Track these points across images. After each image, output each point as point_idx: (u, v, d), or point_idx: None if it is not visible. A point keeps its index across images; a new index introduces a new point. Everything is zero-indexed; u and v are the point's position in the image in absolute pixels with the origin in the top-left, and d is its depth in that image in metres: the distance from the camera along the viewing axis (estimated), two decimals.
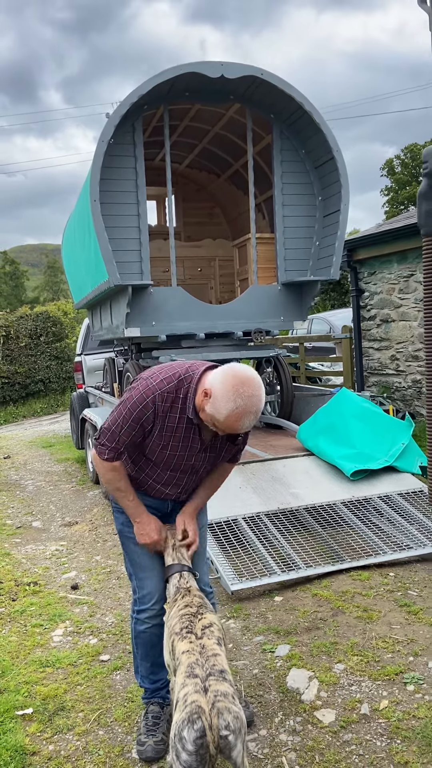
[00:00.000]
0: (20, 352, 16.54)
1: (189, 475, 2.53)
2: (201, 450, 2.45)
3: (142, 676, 2.69)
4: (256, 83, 6.02)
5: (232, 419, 2.17)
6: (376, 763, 2.41)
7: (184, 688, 1.96)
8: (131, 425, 2.32)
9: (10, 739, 2.64)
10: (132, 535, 2.55)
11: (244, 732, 1.91)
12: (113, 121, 5.56)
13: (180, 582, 2.40)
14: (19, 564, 4.63)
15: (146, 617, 2.57)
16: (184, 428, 2.35)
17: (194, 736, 1.81)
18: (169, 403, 2.31)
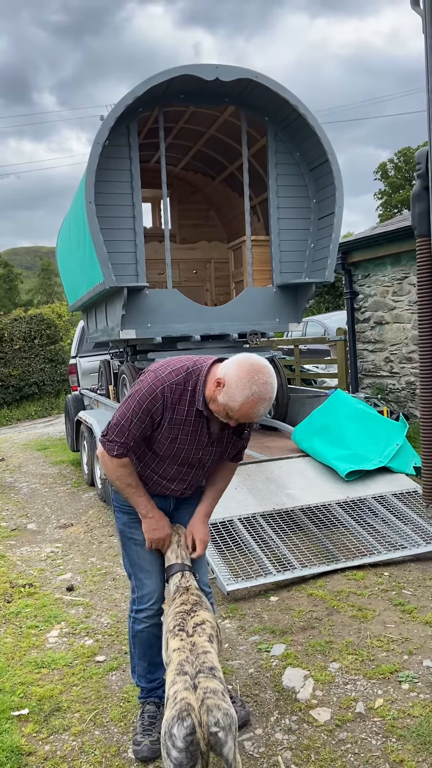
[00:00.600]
0: (14, 354, 16.51)
1: (195, 470, 2.52)
2: (208, 443, 2.44)
3: (138, 675, 2.70)
4: (251, 86, 6.05)
5: (247, 406, 2.17)
6: (371, 761, 2.42)
7: (173, 686, 1.96)
8: (141, 417, 2.30)
9: (6, 740, 2.63)
10: (133, 535, 2.55)
11: (235, 728, 1.90)
12: (108, 123, 5.57)
13: (180, 581, 2.41)
14: (14, 566, 4.62)
15: (144, 617, 2.58)
16: (193, 421, 2.35)
17: (184, 733, 1.82)
18: (178, 395, 2.30)
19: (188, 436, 2.38)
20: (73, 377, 10.39)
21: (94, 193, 5.58)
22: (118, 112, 5.54)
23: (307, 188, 6.60)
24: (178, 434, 2.37)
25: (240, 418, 2.25)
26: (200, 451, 2.44)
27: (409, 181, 36.15)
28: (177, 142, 8.07)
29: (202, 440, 2.41)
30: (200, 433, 2.39)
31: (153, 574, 2.57)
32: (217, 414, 2.30)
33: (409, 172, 36.42)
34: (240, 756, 1.98)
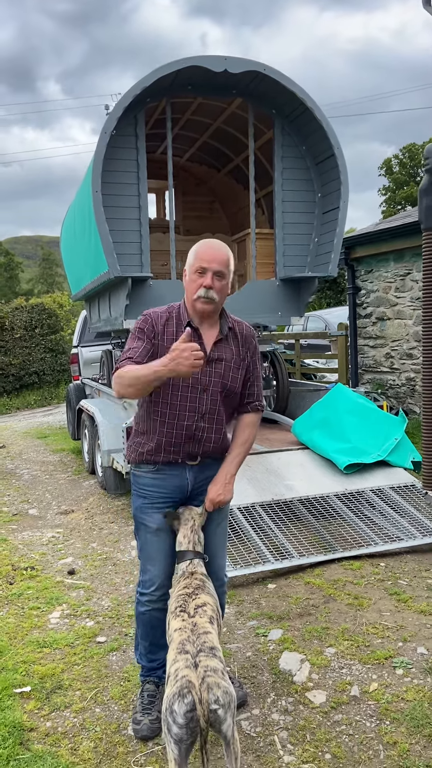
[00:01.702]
0: (15, 343, 16.53)
1: (200, 396, 2.46)
2: (206, 363, 2.45)
3: (140, 653, 2.76)
4: (259, 78, 6.06)
5: (200, 250, 2.45)
6: (365, 742, 2.48)
7: (175, 664, 2.02)
8: (137, 336, 2.47)
9: (8, 716, 2.69)
10: (144, 521, 2.59)
11: (234, 707, 1.96)
12: (116, 112, 5.60)
13: (188, 567, 2.45)
14: (16, 549, 4.68)
15: (146, 600, 2.64)
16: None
17: (184, 710, 1.88)
18: (164, 320, 2.50)
19: None
20: (75, 367, 10.44)
21: (100, 182, 5.61)
22: (126, 101, 5.56)
23: (313, 182, 6.62)
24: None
25: (204, 261, 2.43)
26: (198, 371, 2.37)
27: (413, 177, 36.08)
28: (183, 133, 8.09)
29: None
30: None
31: (158, 562, 2.60)
32: (197, 294, 2.43)
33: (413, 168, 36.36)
34: (237, 734, 2.03)
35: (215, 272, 2.44)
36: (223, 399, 2.55)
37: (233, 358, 2.55)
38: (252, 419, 2.66)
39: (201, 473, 2.60)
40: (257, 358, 2.66)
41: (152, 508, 2.57)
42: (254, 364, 2.63)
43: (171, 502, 2.59)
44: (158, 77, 5.60)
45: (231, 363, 2.54)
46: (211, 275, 2.43)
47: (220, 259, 2.45)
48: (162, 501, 2.58)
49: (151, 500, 2.57)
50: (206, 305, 2.46)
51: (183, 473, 2.57)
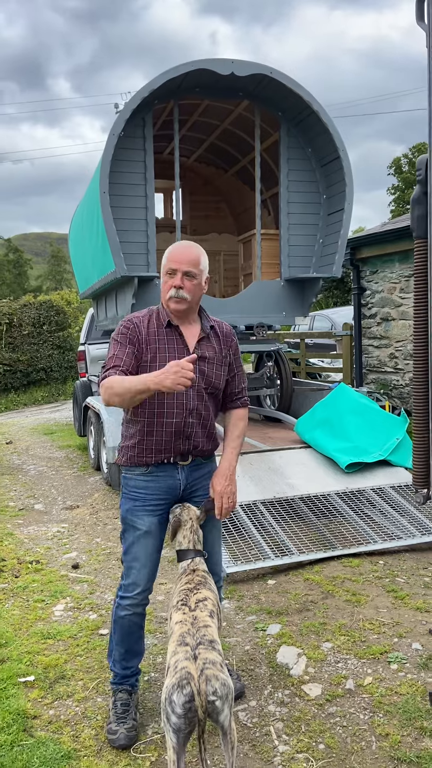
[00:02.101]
0: (23, 340, 16.66)
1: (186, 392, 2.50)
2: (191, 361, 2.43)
3: (114, 660, 2.74)
4: (266, 81, 6.13)
5: (169, 255, 2.54)
6: (358, 734, 2.55)
7: (175, 656, 2.08)
8: (120, 342, 2.52)
9: (12, 704, 2.78)
10: (134, 523, 2.59)
11: (231, 698, 2.02)
12: (124, 114, 5.68)
13: (189, 565, 2.50)
14: (21, 543, 4.78)
15: (127, 604, 2.63)
16: (165, 332, 2.55)
17: (183, 700, 1.94)
18: (146, 320, 2.58)
19: (166, 353, 2.52)
20: (82, 364, 10.53)
21: (108, 183, 5.69)
22: (134, 104, 5.64)
23: (318, 184, 6.68)
24: (155, 354, 2.52)
25: (173, 262, 2.51)
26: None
27: None
28: (190, 134, 8.16)
29: (182, 356, 2.47)
30: (176, 341, 2.55)
31: (144, 566, 2.60)
32: (168, 294, 2.50)
33: None
34: (235, 724, 2.10)
35: (184, 272, 2.51)
36: (209, 397, 2.62)
37: (216, 356, 2.63)
38: (242, 413, 2.76)
39: (192, 473, 2.63)
40: (239, 355, 2.76)
41: (143, 510, 2.58)
42: (237, 360, 2.73)
43: (162, 505, 2.60)
44: (166, 80, 5.68)
45: (214, 361, 2.62)
46: (181, 275, 2.51)
47: (188, 259, 2.53)
48: (154, 503, 2.59)
49: (142, 503, 2.58)
50: (178, 304, 2.53)
51: (175, 474, 2.60)
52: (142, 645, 2.75)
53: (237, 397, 2.74)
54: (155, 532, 2.60)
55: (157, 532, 2.62)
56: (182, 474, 2.62)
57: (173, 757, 1.98)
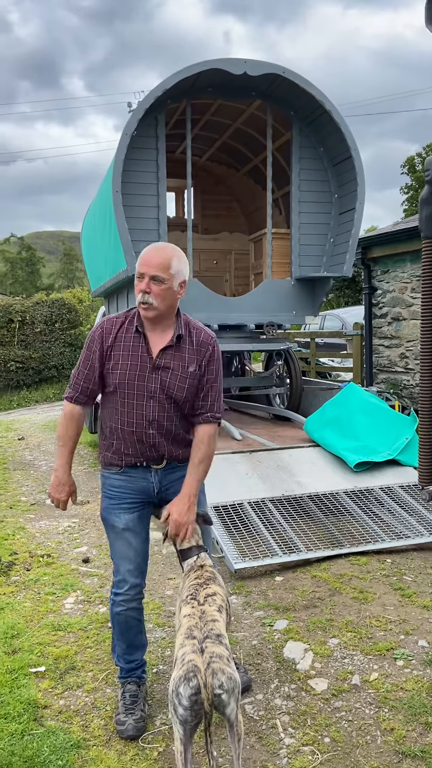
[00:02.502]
0: (35, 337, 16.80)
1: (146, 403, 2.50)
2: (151, 369, 2.49)
3: (118, 655, 2.79)
4: (278, 81, 6.15)
5: (140, 258, 2.48)
6: (363, 728, 2.59)
7: (182, 648, 2.12)
8: (85, 354, 2.56)
9: (23, 693, 2.83)
10: (113, 522, 2.62)
11: (238, 692, 2.05)
12: (137, 114, 5.72)
13: (196, 561, 2.53)
14: (33, 537, 4.84)
15: (121, 600, 2.66)
16: (132, 338, 2.51)
17: (189, 693, 1.97)
18: (118, 325, 2.55)
19: (129, 359, 2.49)
20: None
21: (120, 182, 5.74)
22: (147, 103, 5.69)
23: (330, 183, 6.70)
24: (119, 359, 2.50)
25: (142, 266, 2.45)
26: (144, 377, 2.48)
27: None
28: (203, 133, 8.20)
29: (145, 365, 2.49)
30: (140, 353, 2.50)
31: (130, 561, 2.62)
32: (138, 298, 2.45)
33: None
34: (241, 717, 2.14)
35: (152, 277, 2.42)
36: (173, 407, 2.53)
37: (181, 367, 2.51)
38: (205, 432, 2.58)
39: (167, 476, 2.62)
40: (216, 367, 2.59)
41: (119, 508, 2.59)
42: (210, 372, 2.57)
43: (138, 503, 2.61)
44: (179, 80, 5.72)
45: (178, 372, 2.50)
46: (148, 280, 2.43)
47: (157, 263, 2.43)
48: (129, 502, 2.60)
49: (118, 501, 2.60)
50: (146, 311, 2.46)
51: (148, 476, 2.60)
52: (143, 638, 2.79)
53: (200, 412, 2.57)
54: (134, 528, 2.62)
55: (137, 527, 2.62)
56: (155, 477, 2.61)
57: (180, 748, 2.02)
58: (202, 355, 2.55)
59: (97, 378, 2.55)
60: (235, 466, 5.21)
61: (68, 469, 2.63)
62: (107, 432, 2.62)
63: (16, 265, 51.72)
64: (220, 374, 2.64)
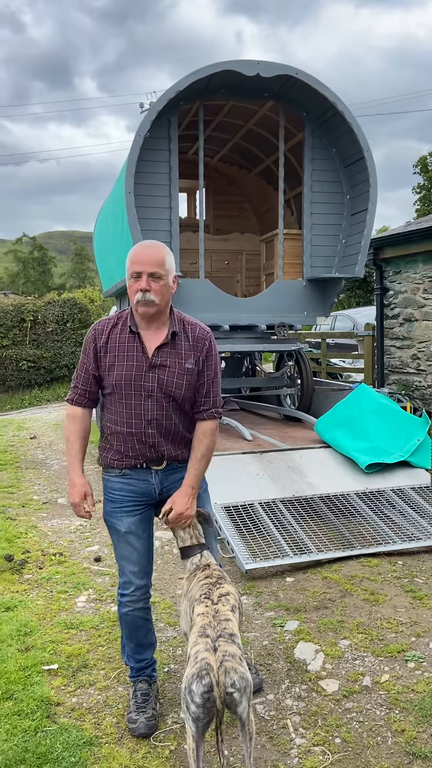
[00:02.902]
0: (47, 337, 16.90)
1: (144, 403, 2.51)
2: (148, 368, 2.50)
3: (127, 655, 2.80)
4: (291, 82, 6.16)
5: (132, 257, 2.49)
6: (374, 729, 2.59)
7: (195, 646, 2.14)
8: (81, 357, 2.60)
9: (36, 691, 2.86)
10: (115, 525, 2.62)
11: (250, 691, 2.07)
12: (150, 115, 5.75)
13: (201, 560, 2.56)
14: (45, 536, 4.88)
15: (127, 601, 2.68)
16: (127, 338, 2.52)
17: (202, 690, 2.00)
18: (111, 326, 2.57)
19: (125, 360, 2.50)
20: None
21: (133, 183, 5.77)
22: (160, 105, 5.72)
23: (342, 184, 6.70)
24: (114, 360, 2.51)
25: (137, 264, 2.46)
26: (141, 377, 2.49)
27: None
28: (215, 134, 8.22)
29: (140, 364, 2.49)
30: (135, 349, 2.50)
31: (134, 563, 2.64)
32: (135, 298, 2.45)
33: None
34: (253, 716, 2.15)
35: (150, 274, 2.43)
36: (172, 405, 2.54)
37: (178, 363, 2.51)
38: (207, 428, 2.60)
39: (168, 477, 2.63)
40: (213, 362, 2.59)
41: (121, 512, 2.60)
42: (209, 367, 2.57)
43: (139, 506, 2.61)
44: (192, 81, 5.74)
45: (175, 369, 2.51)
46: (146, 277, 2.43)
47: (152, 260, 2.45)
48: (130, 505, 2.60)
49: (120, 504, 2.60)
50: (146, 308, 2.46)
51: (149, 478, 2.60)
52: (151, 637, 2.80)
53: (203, 408, 2.58)
54: (137, 531, 2.63)
55: (139, 530, 2.63)
56: (156, 478, 2.62)
57: (192, 745, 2.04)
58: (199, 350, 2.56)
59: (93, 380, 2.58)
60: (246, 467, 5.22)
61: (79, 470, 2.62)
62: (107, 433, 2.63)
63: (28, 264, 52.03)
64: (218, 368, 2.66)
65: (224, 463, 5.18)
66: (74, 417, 2.61)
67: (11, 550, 4.49)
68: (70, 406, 2.62)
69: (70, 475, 2.62)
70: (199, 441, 2.60)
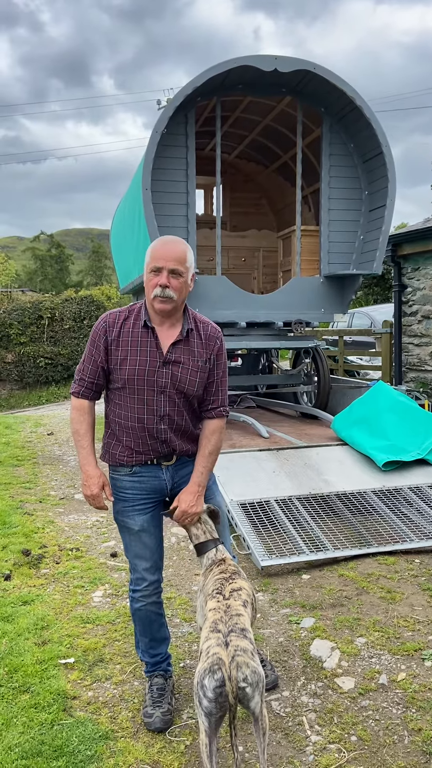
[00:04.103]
0: (64, 334, 17.02)
1: (157, 398, 2.49)
2: (161, 364, 2.48)
3: (142, 650, 2.81)
4: (309, 77, 6.12)
5: (153, 252, 2.45)
6: (390, 728, 2.57)
7: (207, 641, 2.14)
8: (89, 349, 2.54)
9: (53, 684, 2.88)
10: (126, 524, 2.62)
11: (262, 686, 2.06)
12: (167, 112, 5.75)
13: (216, 555, 2.56)
14: (62, 531, 4.92)
15: (140, 596, 2.70)
16: (140, 333, 2.49)
17: (214, 685, 2.00)
18: (122, 319, 2.53)
19: (138, 355, 2.46)
20: None
21: (150, 180, 5.78)
22: (177, 101, 5.71)
23: (360, 180, 6.64)
24: (127, 354, 2.47)
25: (158, 260, 2.43)
26: (155, 372, 2.47)
27: None
28: (232, 130, 8.20)
29: (154, 360, 2.47)
30: (149, 344, 2.48)
31: (146, 560, 2.65)
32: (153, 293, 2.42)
33: None
34: (266, 712, 2.15)
35: (171, 270, 2.41)
36: (183, 402, 2.54)
37: (191, 360, 2.51)
38: (216, 426, 2.61)
39: (178, 472, 2.63)
40: (222, 361, 2.61)
41: (133, 510, 2.59)
42: (219, 366, 2.58)
43: (151, 503, 2.61)
44: (210, 77, 5.72)
45: (189, 366, 2.50)
46: (167, 273, 2.41)
47: (174, 256, 2.42)
48: (142, 503, 2.59)
49: (131, 503, 2.59)
50: (164, 304, 2.44)
51: (159, 474, 2.60)
52: (165, 631, 2.81)
53: (211, 407, 2.60)
54: (149, 528, 2.62)
55: (151, 527, 2.63)
56: (167, 474, 2.61)
57: (205, 740, 2.04)
58: (211, 348, 2.57)
59: (101, 372, 2.54)
60: (262, 464, 5.21)
61: (94, 462, 2.60)
62: (115, 429, 2.59)
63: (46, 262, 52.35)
64: (226, 368, 2.68)
65: (240, 460, 5.18)
66: (82, 409, 2.58)
67: (28, 545, 4.53)
68: (76, 399, 2.59)
69: (85, 468, 2.59)
70: (207, 439, 2.60)
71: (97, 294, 19.25)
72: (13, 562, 4.23)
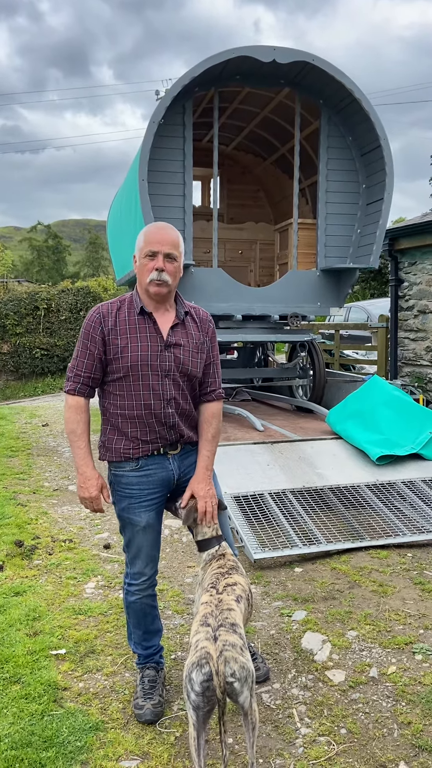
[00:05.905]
0: (60, 325, 16.94)
1: (162, 382, 2.49)
2: (163, 348, 2.48)
3: (135, 642, 2.80)
4: (307, 69, 6.08)
5: (147, 236, 2.47)
6: (380, 721, 2.58)
7: (196, 635, 2.13)
8: (83, 343, 2.50)
9: (44, 675, 2.88)
10: (131, 521, 2.58)
11: (251, 681, 2.05)
12: (165, 102, 5.71)
13: (218, 551, 2.55)
14: (55, 522, 4.91)
15: (136, 590, 2.68)
16: (137, 320, 2.48)
17: (201, 679, 1.99)
18: (115, 309, 2.51)
19: (138, 341, 2.45)
20: None
21: (147, 171, 5.74)
22: (175, 91, 5.67)
23: (358, 173, 6.62)
24: (127, 342, 2.45)
25: (154, 244, 2.44)
26: (157, 357, 2.47)
27: None
28: (230, 122, 8.15)
29: (155, 345, 2.47)
30: (149, 330, 2.47)
31: (148, 556, 2.64)
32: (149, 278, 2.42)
33: None
34: (257, 706, 2.14)
35: (166, 254, 2.44)
36: (186, 384, 2.56)
37: (191, 342, 2.55)
38: (216, 408, 2.65)
39: (183, 462, 2.62)
40: (216, 344, 2.67)
41: (139, 507, 2.56)
42: (213, 348, 2.64)
43: (158, 498, 2.59)
44: (207, 67, 5.68)
45: (189, 347, 2.54)
46: (162, 257, 2.43)
47: (169, 240, 2.45)
48: (149, 499, 2.57)
49: (137, 499, 2.56)
50: (160, 287, 2.44)
51: (167, 465, 2.58)
52: (158, 623, 2.81)
53: (210, 389, 2.64)
54: (154, 524, 2.61)
55: (156, 523, 2.62)
56: (174, 464, 2.60)
57: (194, 733, 2.03)
58: (206, 331, 2.62)
59: (99, 366, 2.51)
60: (257, 457, 5.21)
61: (91, 463, 2.55)
62: (117, 423, 2.55)
63: (43, 253, 52.15)
64: (218, 351, 2.72)
65: (235, 453, 5.17)
66: (78, 408, 2.54)
67: (21, 535, 4.52)
68: (71, 397, 2.54)
69: (82, 469, 2.54)
70: (208, 423, 2.63)
71: (94, 285, 19.14)
72: (6, 553, 4.23)
